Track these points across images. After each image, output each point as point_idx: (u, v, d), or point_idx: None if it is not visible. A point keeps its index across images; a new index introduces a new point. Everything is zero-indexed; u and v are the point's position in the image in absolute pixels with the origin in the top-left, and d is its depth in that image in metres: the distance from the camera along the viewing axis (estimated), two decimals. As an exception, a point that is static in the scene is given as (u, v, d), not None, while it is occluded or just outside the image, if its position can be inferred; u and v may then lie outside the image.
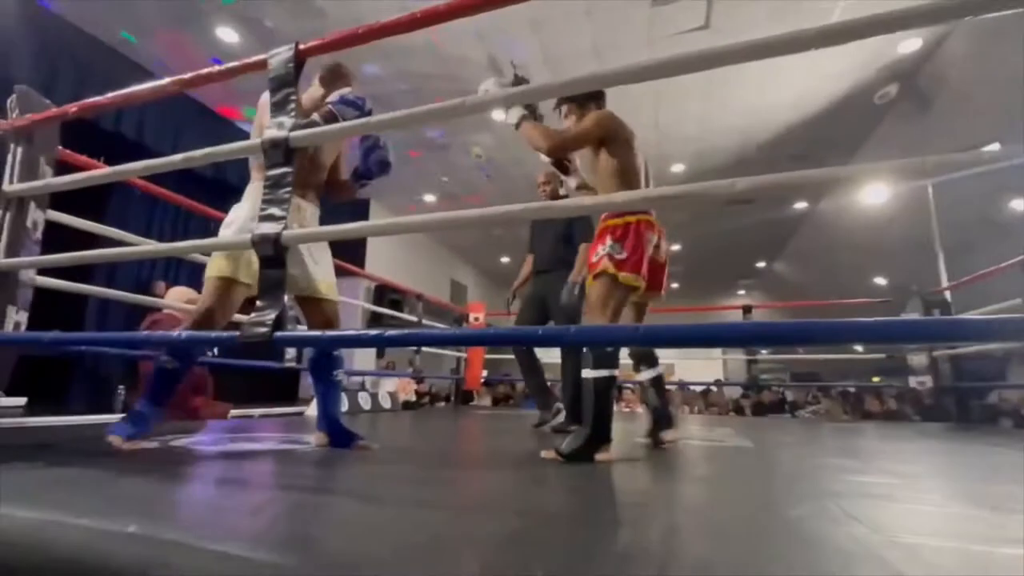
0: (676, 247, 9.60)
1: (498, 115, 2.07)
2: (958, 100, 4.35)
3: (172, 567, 0.57)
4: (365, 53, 4.56)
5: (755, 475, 1.48)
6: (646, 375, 1.81)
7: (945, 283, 4.03)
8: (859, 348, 6.45)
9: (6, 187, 1.58)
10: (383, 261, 7.23)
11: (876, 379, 8.21)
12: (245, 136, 5.27)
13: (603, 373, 1.46)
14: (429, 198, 7.55)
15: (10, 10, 3.58)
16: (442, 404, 6.20)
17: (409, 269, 7.91)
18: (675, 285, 12.38)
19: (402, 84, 4.84)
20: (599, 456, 1.44)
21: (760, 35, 0.90)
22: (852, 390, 6.18)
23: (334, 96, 1.54)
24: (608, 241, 1.60)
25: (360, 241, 7.05)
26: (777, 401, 6.33)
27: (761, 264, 10.63)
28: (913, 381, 3.68)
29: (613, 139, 1.75)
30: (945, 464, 1.83)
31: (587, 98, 1.91)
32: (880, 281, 7.80)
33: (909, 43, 4.14)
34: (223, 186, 5.05)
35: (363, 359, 6.75)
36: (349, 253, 5.20)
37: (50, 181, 1.54)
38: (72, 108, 1.54)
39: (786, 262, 10.08)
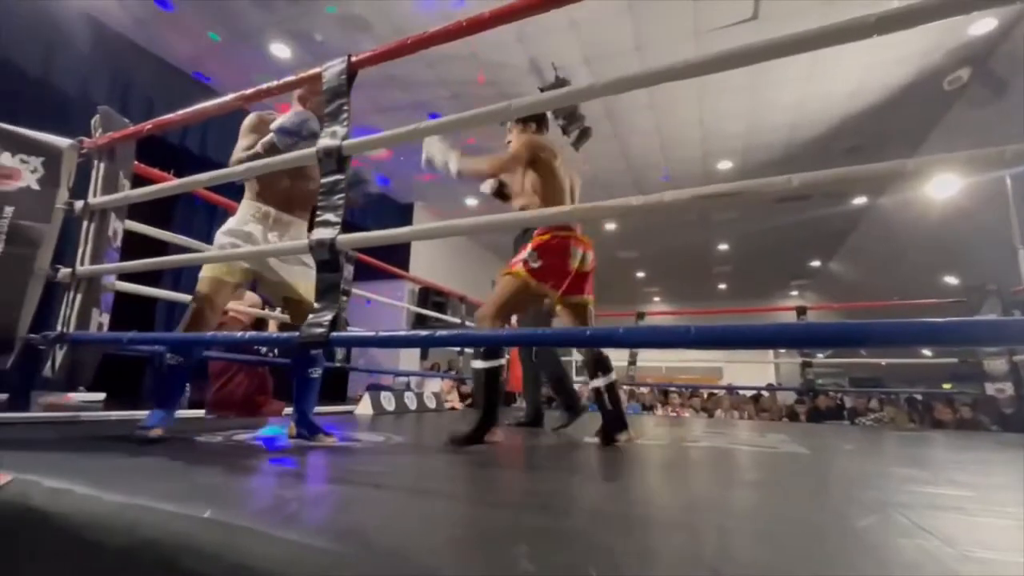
0: (724, 246, 9.29)
1: (484, 188, 2.35)
2: (1039, 83, 4.01)
3: (243, 551, 0.61)
4: (408, 62, 4.69)
5: (814, 482, 1.41)
6: (601, 381, 1.92)
7: (1027, 282, 3.71)
8: (927, 352, 6.03)
9: (91, 200, 1.72)
10: (426, 264, 7.38)
11: (947, 386, 7.64)
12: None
13: (492, 364, 1.70)
14: (471, 202, 7.65)
15: (87, 38, 3.90)
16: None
17: (452, 272, 8.03)
18: (722, 286, 11.99)
19: (444, 91, 4.94)
20: (488, 438, 1.63)
21: (811, 25, 0.86)
22: (919, 397, 5.77)
23: (275, 123, 1.65)
24: (529, 250, 1.88)
25: (404, 245, 7.23)
26: (835, 407, 6.00)
27: (815, 263, 10.13)
28: (991, 388, 3.41)
29: (538, 161, 1.97)
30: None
31: (531, 120, 2.15)
32: (951, 280, 7.26)
33: (982, 23, 3.85)
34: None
35: (408, 361, 6.91)
36: (394, 256, 5.34)
37: (129, 193, 1.67)
38: (147, 125, 1.67)
39: (843, 261, 9.56)
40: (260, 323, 2.77)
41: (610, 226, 8.47)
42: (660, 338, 0.81)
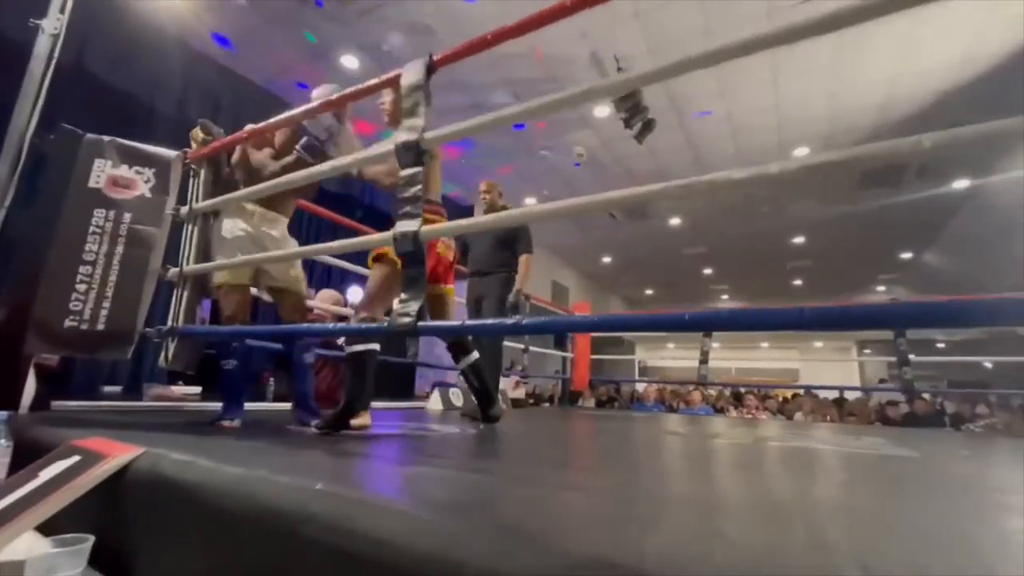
0: (799, 239, 8.72)
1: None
2: None
3: (357, 519, 0.63)
4: (469, 64, 4.77)
5: (939, 486, 1.28)
6: (464, 362, 2.06)
7: None
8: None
9: (195, 205, 1.87)
10: (488, 264, 7.46)
11: (1070, 390, 6.71)
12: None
13: (366, 347, 1.67)
14: (530, 200, 7.66)
15: (180, 61, 4.28)
16: (546, 404, 6.24)
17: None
18: (798, 282, 11.26)
19: (505, 90, 4.97)
20: (355, 422, 1.62)
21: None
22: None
23: (302, 140, 1.83)
24: None
25: (467, 245, 7.35)
26: (934, 412, 5.45)
27: (907, 255, 9.26)
28: None
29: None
30: None
31: None
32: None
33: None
34: (348, 199, 5.58)
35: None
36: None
37: (228, 197, 1.81)
38: (243, 134, 1.80)
39: (940, 252, 8.68)
40: (341, 320, 2.91)
41: (675, 221, 8.19)
42: (770, 320, 0.75)
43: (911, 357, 3.60)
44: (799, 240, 8.76)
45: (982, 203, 6.59)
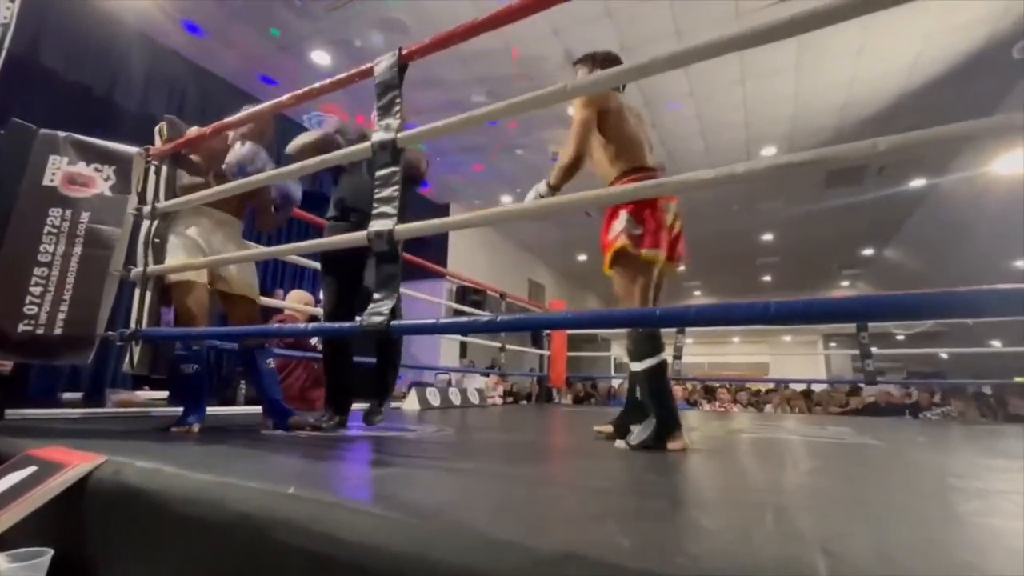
0: (768, 236, 8.96)
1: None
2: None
3: (330, 523, 0.62)
4: (443, 61, 4.73)
5: (898, 471, 1.33)
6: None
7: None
8: (997, 344, 5.62)
9: (157, 204, 1.81)
10: (463, 262, 7.44)
11: (1020, 379, 7.10)
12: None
13: (657, 360, 1.46)
14: (506, 199, 7.65)
15: (144, 54, 4.13)
16: (524, 402, 6.26)
17: (488, 270, 8.07)
18: (767, 278, 11.58)
19: (479, 87, 4.96)
20: (672, 445, 1.43)
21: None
22: (988, 391, 5.40)
23: (230, 159, 1.80)
24: (623, 216, 1.50)
25: (442, 243, 7.31)
26: (895, 402, 5.69)
27: (868, 251, 9.62)
28: (1075, 377, 3.14)
29: (605, 110, 1.67)
30: None
31: (605, 61, 1.78)
32: (1021, 265, 6.76)
33: (1056, -16, 3.56)
34: (318, 196, 5.47)
35: (446, 358, 6.98)
36: (433, 255, 5.41)
37: (191, 197, 1.75)
38: (207, 130, 1.74)
39: (900, 248, 9.05)
40: (312, 321, 2.86)
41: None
42: (737, 315, 0.77)
43: (873, 350, 3.75)
44: (768, 237, 9.00)
45: (937, 202, 6.90)
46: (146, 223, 1.82)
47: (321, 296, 3.79)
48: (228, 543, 0.69)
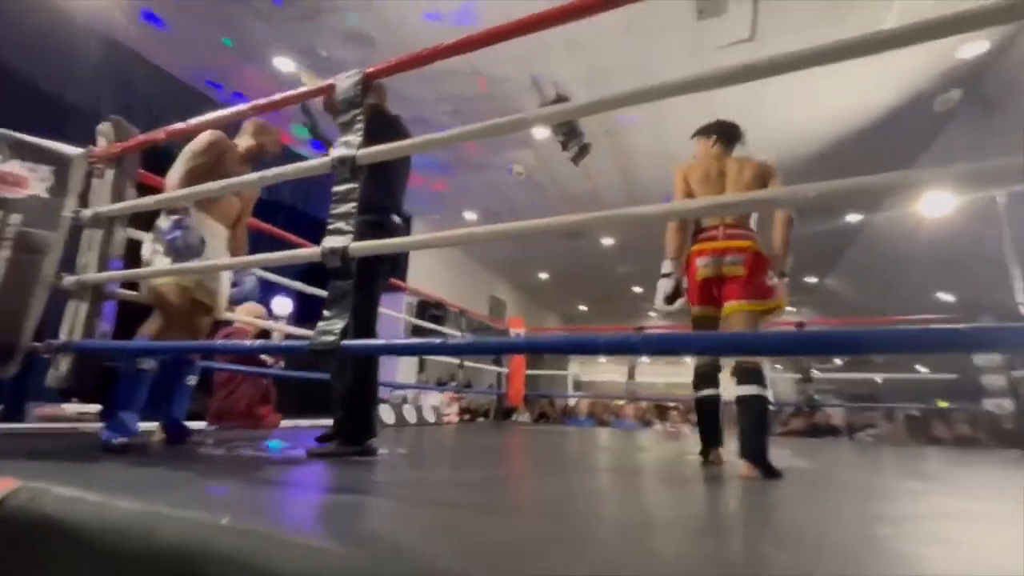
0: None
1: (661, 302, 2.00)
2: (1028, 105, 4.10)
3: (266, 556, 0.60)
4: (408, 78, 4.74)
5: (828, 496, 1.41)
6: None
7: (1022, 299, 3.75)
8: (923, 369, 6.04)
9: (100, 209, 1.72)
10: (424, 277, 7.38)
11: (942, 403, 7.64)
12: (298, 157, 5.47)
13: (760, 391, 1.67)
14: (470, 215, 7.68)
15: (93, 49, 3.94)
16: (481, 419, 6.21)
17: (449, 285, 8.04)
18: (719, 301, 12.04)
19: (445, 106, 4.99)
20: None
21: (807, 45, 0.89)
22: (917, 414, 5.79)
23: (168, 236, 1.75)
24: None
25: (403, 259, 7.24)
26: (832, 423, 5.99)
27: (812, 280, 10.19)
28: (989, 404, 3.43)
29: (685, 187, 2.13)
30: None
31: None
32: (946, 297, 7.32)
33: (974, 46, 3.95)
34: (278, 206, 5.32)
35: (404, 374, 6.86)
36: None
37: (138, 202, 1.67)
38: (159, 135, 1.68)
39: (839, 277, 9.63)
40: (263, 334, 2.76)
41: (608, 241, 8.52)
42: (678, 346, 0.81)
43: (815, 373, 3.95)
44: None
45: (872, 236, 7.41)
46: (88, 230, 1.72)
47: (273, 308, 3.66)
48: (154, 578, 0.65)
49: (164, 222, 1.78)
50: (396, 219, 1.85)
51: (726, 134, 2.16)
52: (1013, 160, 0.77)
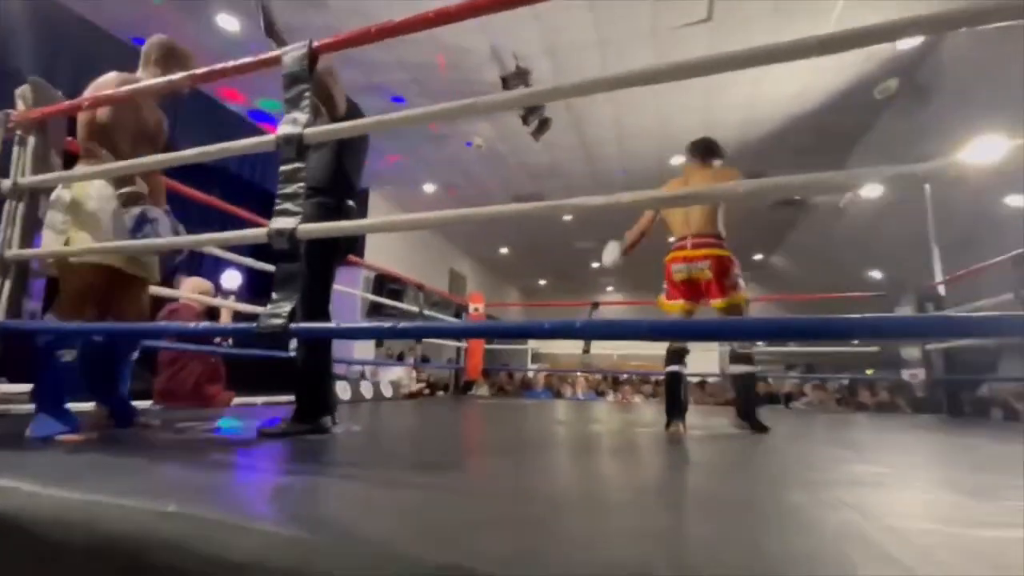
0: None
1: (608, 256, 2.67)
2: (957, 95, 4.37)
3: (214, 543, 0.61)
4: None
5: (754, 463, 1.53)
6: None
7: (939, 278, 4.09)
8: (854, 340, 6.53)
9: (20, 180, 1.60)
10: (382, 251, 7.24)
11: (870, 371, 8.29)
12: (245, 123, 5.18)
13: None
14: (429, 188, 7.54)
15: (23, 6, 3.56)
16: (441, 393, 6.27)
17: (408, 259, 7.93)
18: (673, 277, 12.45)
19: (403, 73, 4.83)
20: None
21: (762, 28, 0.93)
22: (846, 382, 6.27)
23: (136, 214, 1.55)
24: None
25: (359, 240, 7.07)
26: (772, 392, 6.41)
27: (758, 257, 10.67)
28: (905, 373, 3.75)
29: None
30: (934, 454, 1.89)
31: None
32: (876, 275, 7.86)
33: (910, 39, 4.15)
34: (224, 174, 5.05)
35: (362, 348, 6.79)
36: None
37: (63, 174, 1.56)
38: (86, 101, 1.56)
39: (784, 255, 10.13)
40: (211, 311, 2.65)
41: (567, 217, 8.59)
42: (616, 332, 0.86)
43: (759, 344, 4.19)
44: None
45: (812, 216, 7.80)
46: (9, 201, 1.60)
47: (224, 283, 3.52)
48: (99, 571, 0.65)
49: (122, 212, 1.55)
50: (351, 203, 1.81)
51: (700, 150, 2.44)
52: (937, 163, 0.84)
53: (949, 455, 1.87)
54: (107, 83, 1.65)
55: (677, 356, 2.29)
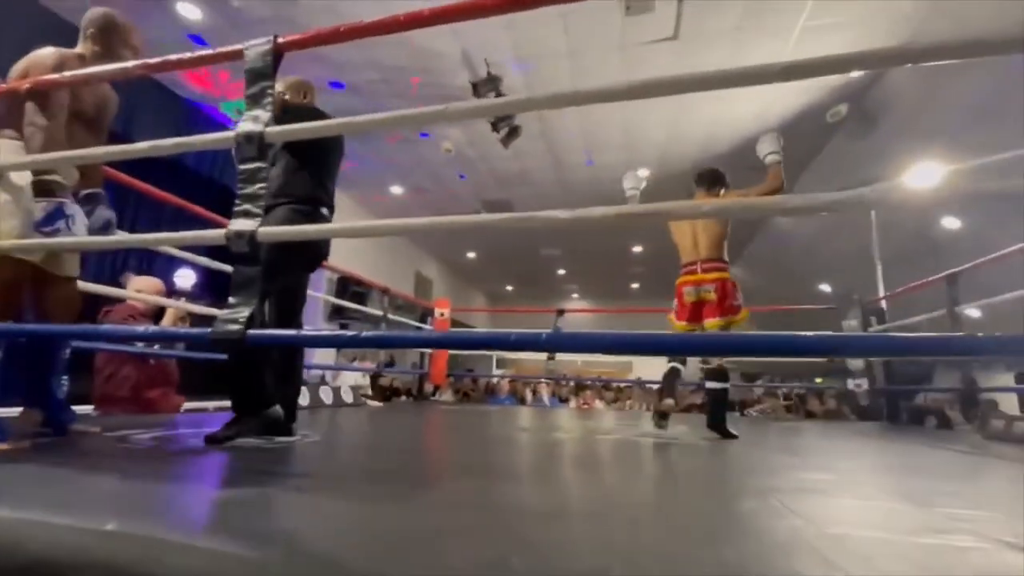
0: (638, 248, 9.85)
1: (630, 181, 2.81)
2: (900, 122, 4.67)
3: (157, 565, 0.58)
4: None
5: (707, 472, 1.57)
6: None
7: (882, 292, 4.34)
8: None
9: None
10: (346, 253, 7.09)
11: (819, 380, 8.68)
12: (203, 114, 5.00)
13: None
14: (396, 190, 7.46)
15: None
16: (404, 398, 6.18)
17: (373, 261, 7.79)
18: (635, 286, 12.72)
19: (373, 73, 4.76)
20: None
21: (725, 47, 0.97)
22: (799, 391, 6.55)
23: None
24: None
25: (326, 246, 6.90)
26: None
27: (719, 268, 11.04)
28: (851, 383, 3.95)
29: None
30: (875, 462, 2.00)
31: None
32: (826, 288, 8.26)
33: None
34: (177, 167, 4.84)
35: (323, 352, 6.62)
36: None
37: (2, 163, 1.46)
38: (24, 84, 1.46)
39: (742, 267, 10.51)
40: (160, 312, 2.50)
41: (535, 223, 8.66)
42: (580, 344, 0.87)
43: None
44: (638, 249, 9.90)
45: (768, 230, 8.15)
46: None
47: (177, 282, 3.35)
48: (24, 593, 0.61)
49: (31, 204, 1.42)
50: (325, 211, 1.77)
51: (706, 180, 2.73)
52: (883, 186, 0.89)
53: (887, 462, 1.98)
54: (42, 59, 1.53)
55: (679, 360, 2.64)
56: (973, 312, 3.35)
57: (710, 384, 2.53)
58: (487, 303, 14.11)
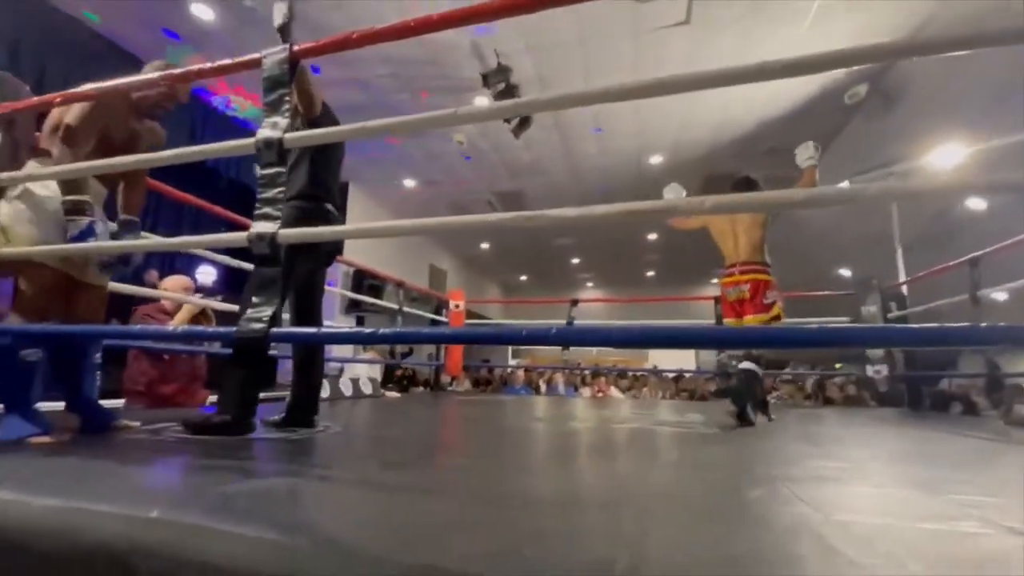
0: (653, 236, 9.78)
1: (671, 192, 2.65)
2: (922, 102, 4.55)
3: (200, 550, 0.63)
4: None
5: (720, 460, 1.60)
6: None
7: (903, 277, 4.26)
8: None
9: (-11, 176, 1.55)
10: (360, 246, 7.18)
11: (838, 366, 8.57)
12: (224, 118, 5.08)
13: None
14: (409, 183, 7.51)
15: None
16: (421, 389, 6.28)
17: (387, 255, 7.88)
18: (651, 273, 12.63)
19: (383, 68, 4.79)
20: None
21: (738, 30, 0.97)
22: (816, 377, 6.49)
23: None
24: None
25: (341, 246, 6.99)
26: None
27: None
28: (870, 370, 3.91)
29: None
30: (891, 449, 1.99)
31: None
32: (845, 273, 8.12)
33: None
34: (198, 168, 4.94)
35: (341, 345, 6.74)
36: (329, 239, 5.16)
37: (33, 172, 1.53)
38: (56, 98, 1.53)
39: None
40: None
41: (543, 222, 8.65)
42: (588, 338, 0.90)
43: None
44: (653, 237, 9.82)
45: (787, 214, 7.99)
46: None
47: (199, 278, 3.44)
48: (79, 577, 0.66)
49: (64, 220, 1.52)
50: (329, 207, 1.81)
51: (741, 187, 2.82)
52: (892, 184, 0.90)
53: (904, 449, 1.97)
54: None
55: (752, 359, 2.64)
56: (1000, 295, 3.27)
57: (742, 365, 2.61)
58: (501, 294, 14.17)
